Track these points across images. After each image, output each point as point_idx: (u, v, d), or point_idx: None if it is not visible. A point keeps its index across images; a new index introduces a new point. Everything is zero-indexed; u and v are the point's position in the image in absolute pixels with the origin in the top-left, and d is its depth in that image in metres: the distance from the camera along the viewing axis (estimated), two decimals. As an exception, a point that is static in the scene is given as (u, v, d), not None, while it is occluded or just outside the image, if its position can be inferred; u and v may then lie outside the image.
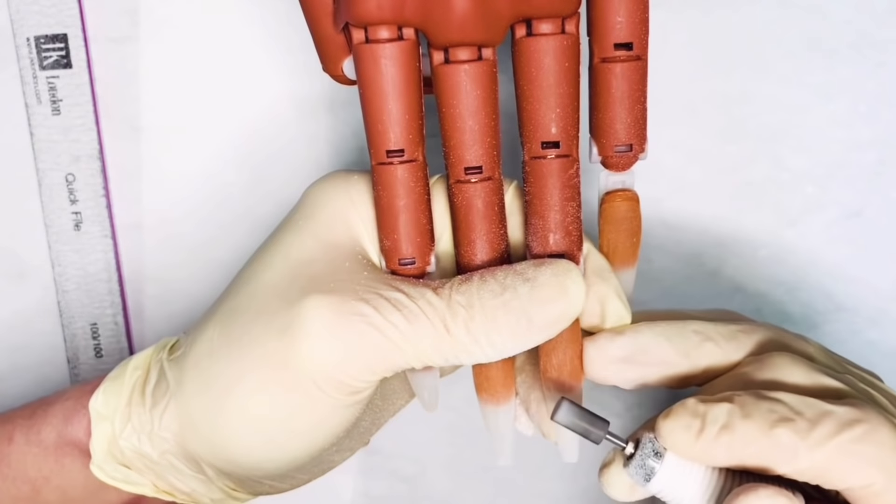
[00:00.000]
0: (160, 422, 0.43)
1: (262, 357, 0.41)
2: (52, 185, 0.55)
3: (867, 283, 0.55)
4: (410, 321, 0.40)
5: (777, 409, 0.39)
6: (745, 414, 0.39)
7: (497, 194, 0.42)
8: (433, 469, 0.60)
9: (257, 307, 0.42)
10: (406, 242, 0.42)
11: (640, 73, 0.42)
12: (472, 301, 0.40)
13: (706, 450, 0.39)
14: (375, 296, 0.41)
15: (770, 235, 0.55)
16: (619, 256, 0.44)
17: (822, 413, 0.39)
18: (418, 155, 0.42)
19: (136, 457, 0.44)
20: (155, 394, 0.44)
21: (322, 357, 0.40)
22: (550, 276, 0.40)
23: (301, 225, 0.43)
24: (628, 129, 0.42)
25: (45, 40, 0.54)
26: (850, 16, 0.52)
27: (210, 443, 0.43)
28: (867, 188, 0.54)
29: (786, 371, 0.41)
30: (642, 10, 0.41)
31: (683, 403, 0.40)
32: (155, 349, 0.46)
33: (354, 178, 0.44)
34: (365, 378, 0.41)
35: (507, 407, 0.45)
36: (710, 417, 0.39)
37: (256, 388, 0.41)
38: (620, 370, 0.43)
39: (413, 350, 0.40)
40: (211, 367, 0.42)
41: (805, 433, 0.38)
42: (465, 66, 0.40)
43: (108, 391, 0.45)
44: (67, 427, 0.46)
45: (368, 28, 0.40)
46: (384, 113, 0.41)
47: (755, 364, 0.42)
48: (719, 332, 0.43)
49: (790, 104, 0.54)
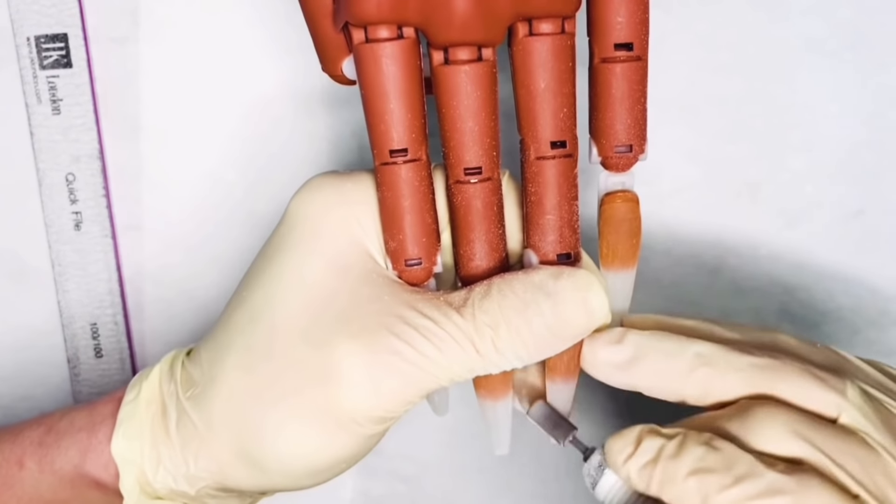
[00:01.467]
0: (195, 463, 0.43)
1: (302, 405, 0.41)
2: (52, 185, 0.55)
3: (867, 283, 0.55)
4: (442, 349, 0.41)
5: (709, 458, 0.39)
6: (675, 454, 0.40)
7: (496, 194, 0.42)
8: (433, 469, 0.60)
9: (283, 352, 0.42)
10: (412, 243, 0.42)
11: (640, 74, 0.41)
12: (496, 320, 0.41)
13: (630, 475, 0.41)
14: (404, 327, 0.41)
15: (770, 235, 0.55)
16: (618, 257, 0.44)
17: (749, 473, 0.39)
18: (422, 154, 0.42)
19: (171, 493, 0.44)
20: (181, 434, 0.44)
21: (364, 402, 0.41)
22: (573, 292, 0.41)
23: (303, 244, 0.43)
24: (628, 130, 0.42)
25: (45, 40, 0.54)
26: (850, 16, 0.52)
27: (252, 477, 0.43)
28: (867, 188, 0.54)
29: (758, 426, 0.40)
30: (642, 11, 0.41)
31: (633, 428, 0.41)
32: (161, 374, 0.45)
33: (348, 185, 0.44)
34: (402, 409, 0.42)
35: (504, 401, 0.45)
36: (643, 448, 0.41)
37: (300, 434, 0.42)
38: (612, 374, 0.44)
39: (446, 375, 0.41)
40: (244, 412, 0.42)
41: (721, 488, 0.38)
42: (464, 67, 0.40)
43: (128, 434, 0.44)
44: (85, 463, 0.45)
45: (368, 28, 0.40)
46: (386, 112, 0.40)
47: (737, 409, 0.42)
48: (728, 360, 0.42)
49: (790, 104, 0.54)
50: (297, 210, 0.44)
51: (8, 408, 0.58)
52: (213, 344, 0.44)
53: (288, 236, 0.43)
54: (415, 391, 0.41)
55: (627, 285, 0.45)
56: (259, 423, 0.42)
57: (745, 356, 0.42)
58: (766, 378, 0.41)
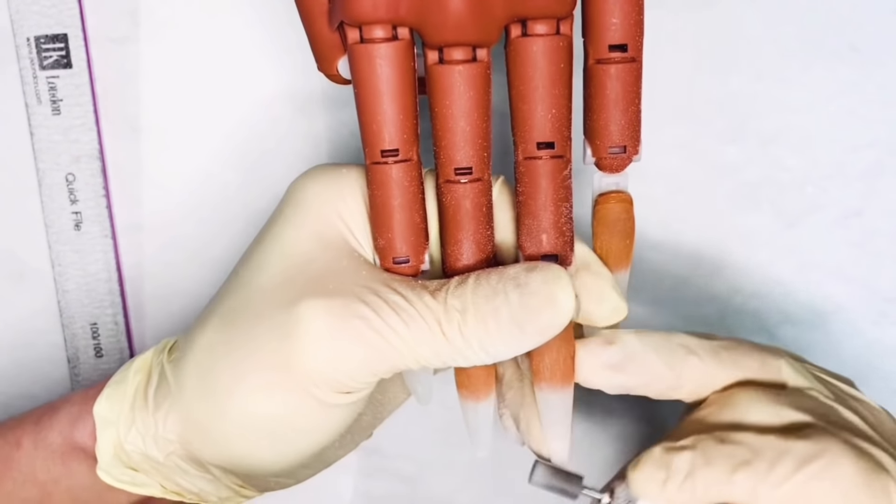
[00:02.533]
0: (164, 424, 0.44)
1: (262, 359, 0.41)
2: (52, 185, 0.55)
3: (867, 283, 0.55)
4: (408, 325, 0.40)
5: (737, 452, 0.41)
6: (707, 461, 0.41)
7: (486, 195, 0.42)
8: (433, 469, 0.60)
9: (256, 309, 0.42)
10: (400, 242, 0.42)
11: (634, 75, 0.41)
12: (466, 305, 0.40)
13: (672, 498, 0.41)
14: (375, 297, 0.41)
15: (769, 236, 0.55)
16: (612, 258, 0.44)
17: (780, 452, 0.41)
18: (413, 154, 0.42)
19: (142, 459, 0.45)
20: (157, 396, 0.44)
21: (322, 359, 0.40)
22: (541, 284, 0.40)
23: (293, 219, 0.43)
24: (622, 131, 0.42)
25: (45, 40, 0.54)
26: (849, 16, 0.52)
27: (214, 444, 0.43)
28: (867, 188, 0.54)
29: (749, 408, 0.43)
30: (637, 12, 0.41)
31: (650, 453, 0.42)
32: (155, 351, 0.46)
33: (343, 171, 0.44)
34: (364, 379, 0.41)
35: (486, 403, 0.45)
36: (675, 467, 0.41)
37: (257, 389, 0.41)
38: (609, 376, 0.44)
39: (411, 353, 0.41)
40: (211, 369, 0.42)
41: (764, 474, 0.40)
42: (458, 67, 0.40)
43: (111, 396, 0.45)
44: (73, 431, 0.46)
45: (363, 27, 0.40)
46: (379, 113, 0.41)
47: (719, 403, 0.44)
48: (703, 346, 0.45)
49: (790, 104, 0.53)
50: (292, 192, 0.44)
51: (8, 407, 0.58)
52: (201, 315, 0.45)
53: (280, 214, 0.44)
54: (376, 362, 0.41)
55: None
56: (219, 378, 0.42)
57: (712, 340, 0.45)
58: (731, 358, 0.44)
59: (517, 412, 0.46)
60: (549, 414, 0.45)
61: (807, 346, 0.56)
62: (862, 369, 0.56)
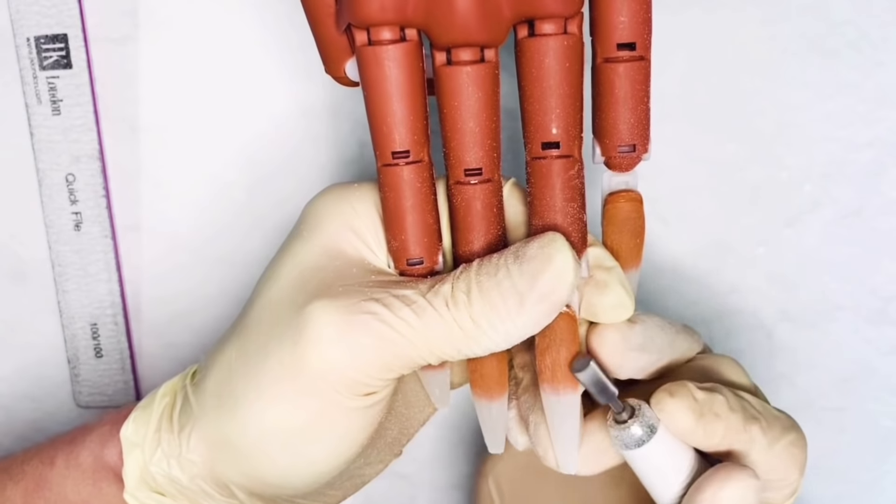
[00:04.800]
0: (188, 444, 0.43)
1: (276, 368, 0.41)
2: (52, 185, 0.55)
3: (867, 283, 0.56)
4: (419, 314, 0.40)
5: (748, 408, 0.43)
6: (731, 407, 0.42)
7: (496, 196, 0.42)
8: (433, 468, 0.60)
9: (269, 320, 0.42)
10: (413, 243, 0.42)
11: (643, 74, 0.41)
12: (470, 286, 0.40)
13: (702, 433, 0.42)
14: (383, 293, 0.41)
15: (769, 234, 0.55)
16: (622, 257, 0.44)
17: (774, 417, 0.43)
18: (424, 155, 0.42)
19: (168, 482, 0.44)
20: (181, 418, 0.44)
21: (334, 358, 0.40)
22: (536, 248, 0.40)
23: (307, 237, 0.43)
24: (631, 130, 0.42)
25: (45, 40, 0.54)
26: (849, 16, 0.52)
27: (235, 460, 0.43)
28: (866, 188, 0.54)
29: (736, 374, 0.45)
30: (645, 10, 0.41)
31: (685, 385, 0.42)
32: (181, 376, 0.46)
33: (355, 189, 0.44)
34: (380, 376, 0.41)
35: (500, 402, 0.45)
36: (709, 405, 0.42)
37: (273, 398, 0.41)
38: (634, 358, 0.44)
39: (425, 344, 0.40)
40: (229, 384, 0.42)
41: (765, 432, 0.42)
42: (466, 68, 0.40)
43: (138, 419, 0.45)
44: (104, 451, 0.46)
45: (371, 29, 0.40)
46: (388, 114, 0.41)
47: (710, 361, 0.46)
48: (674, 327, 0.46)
49: (790, 104, 0.54)
50: (307, 212, 0.44)
51: (8, 408, 0.58)
52: (220, 337, 0.45)
53: (294, 232, 0.44)
54: (391, 356, 0.40)
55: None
56: (237, 392, 0.42)
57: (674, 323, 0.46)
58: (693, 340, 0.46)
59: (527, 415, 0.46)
60: (553, 417, 0.44)
61: (806, 346, 0.57)
62: (861, 369, 0.57)
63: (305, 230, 0.44)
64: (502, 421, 0.46)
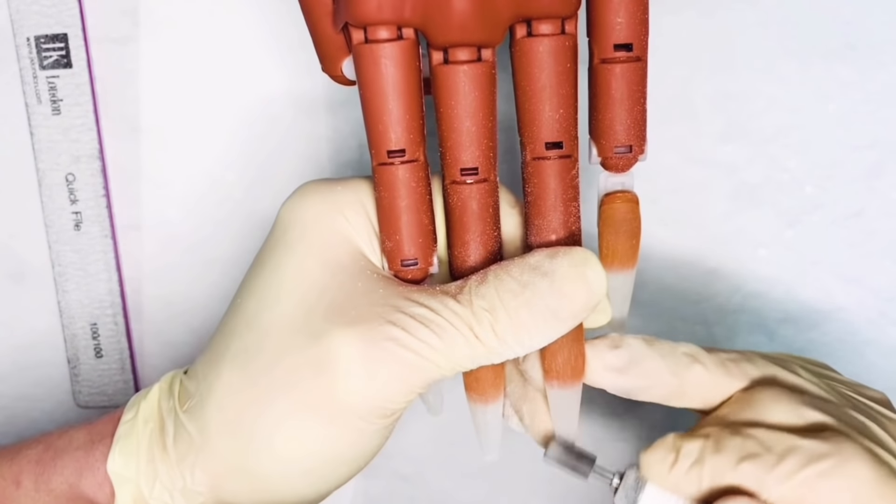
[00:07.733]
0: (192, 476, 0.42)
1: (299, 399, 0.41)
2: (52, 185, 0.55)
3: (867, 283, 0.56)
4: (440, 336, 0.40)
5: (747, 444, 0.42)
6: (716, 449, 0.42)
7: (492, 196, 0.42)
8: (433, 468, 0.60)
9: (276, 346, 0.41)
10: (408, 243, 0.42)
11: (639, 74, 0.41)
12: (494, 304, 0.40)
13: (679, 481, 0.42)
14: (400, 315, 0.40)
15: (769, 235, 0.55)
16: (618, 258, 0.44)
17: (790, 447, 0.41)
18: (419, 155, 0.42)
19: None
20: (178, 448, 0.43)
21: (363, 390, 0.40)
22: (569, 268, 0.40)
23: (295, 247, 0.43)
24: (628, 131, 0.42)
25: (45, 40, 0.54)
26: (849, 16, 0.52)
27: (250, 488, 0.42)
28: (867, 188, 0.54)
29: (769, 407, 0.43)
30: (642, 11, 0.41)
31: (664, 439, 0.43)
32: (159, 394, 0.45)
33: (338, 188, 0.43)
34: (405, 398, 0.41)
35: (495, 405, 0.45)
36: (684, 452, 0.42)
37: (295, 429, 0.41)
38: (614, 378, 0.45)
39: (447, 362, 0.40)
40: (239, 414, 0.42)
41: (770, 467, 0.41)
42: (463, 68, 0.40)
43: (124, 451, 0.43)
44: (80, 481, 0.44)
45: (368, 28, 0.40)
46: (385, 113, 0.40)
47: (740, 402, 0.44)
48: (709, 357, 0.45)
49: (790, 104, 0.54)
50: (287, 215, 0.43)
51: (8, 408, 0.58)
52: (209, 355, 0.43)
53: (279, 241, 0.43)
54: (415, 379, 0.40)
55: (627, 286, 0.45)
56: (254, 423, 0.41)
57: (718, 353, 0.46)
58: (738, 369, 0.45)
59: (519, 405, 0.47)
60: (558, 409, 0.45)
61: (806, 346, 0.56)
62: (861, 369, 0.56)
63: (293, 239, 0.43)
64: (497, 425, 0.46)
